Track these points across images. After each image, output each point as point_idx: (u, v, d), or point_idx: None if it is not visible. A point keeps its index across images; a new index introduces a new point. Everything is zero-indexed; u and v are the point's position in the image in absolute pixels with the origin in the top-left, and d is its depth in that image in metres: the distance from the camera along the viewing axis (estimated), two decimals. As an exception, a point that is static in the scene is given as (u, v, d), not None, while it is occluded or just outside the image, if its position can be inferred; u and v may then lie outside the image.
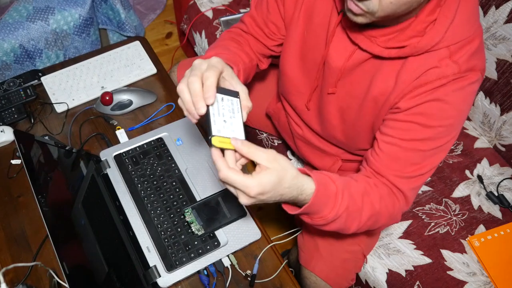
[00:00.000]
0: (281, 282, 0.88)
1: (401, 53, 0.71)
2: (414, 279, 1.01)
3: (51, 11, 1.38)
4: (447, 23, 0.67)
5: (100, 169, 0.97)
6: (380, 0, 0.62)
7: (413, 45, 0.69)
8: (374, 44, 0.73)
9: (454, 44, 0.69)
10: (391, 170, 0.76)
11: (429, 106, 0.71)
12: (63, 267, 0.71)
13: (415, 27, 0.69)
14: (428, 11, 0.68)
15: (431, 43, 0.68)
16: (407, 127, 0.74)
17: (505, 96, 1.14)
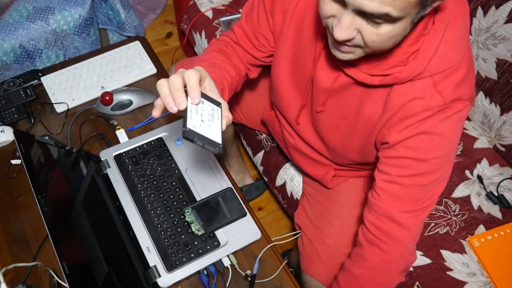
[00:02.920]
0: (281, 282, 0.88)
1: (384, 81, 0.70)
2: (413, 279, 1.01)
3: (51, 11, 1.38)
4: (430, 53, 0.66)
5: (100, 169, 0.97)
6: (363, 37, 0.60)
7: (395, 75, 0.68)
8: (359, 70, 0.72)
9: (438, 73, 0.67)
10: (394, 207, 0.75)
11: (418, 139, 0.70)
12: (63, 267, 0.71)
13: (396, 57, 0.68)
14: (411, 41, 0.66)
15: (413, 73, 0.67)
16: (402, 163, 0.73)
17: (505, 96, 1.14)
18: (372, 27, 0.58)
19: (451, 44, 0.66)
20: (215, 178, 0.97)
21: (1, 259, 0.88)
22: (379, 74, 0.70)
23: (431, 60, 0.66)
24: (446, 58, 0.66)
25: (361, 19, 0.58)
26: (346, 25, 0.59)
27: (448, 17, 0.65)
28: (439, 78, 0.67)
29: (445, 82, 0.68)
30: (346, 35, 0.59)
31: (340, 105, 0.81)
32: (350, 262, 0.82)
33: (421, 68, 0.66)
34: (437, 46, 0.65)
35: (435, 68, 0.67)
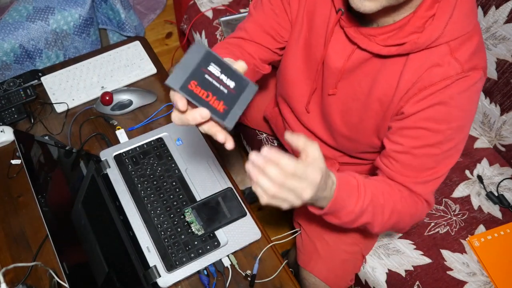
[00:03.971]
0: (281, 282, 0.88)
1: (401, 50, 0.70)
2: (413, 279, 1.01)
3: (51, 11, 1.38)
4: (446, 18, 0.66)
5: (100, 169, 0.97)
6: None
7: (413, 41, 0.68)
8: (373, 42, 0.72)
9: (454, 39, 0.68)
10: (407, 177, 0.76)
11: (435, 110, 0.70)
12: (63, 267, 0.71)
13: (414, 23, 0.68)
14: (427, 6, 0.67)
15: (431, 38, 0.67)
16: (416, 134, 0.73)
17: (505, 96, 1.14)
18: None
19: (463, 11, 0.67)
20: (215, 178, 0.97)
21: (1, 259, 0.88)
22: (395, 44, 0.70)
23: (447, 25, 0.66)
24: (460, 24, 0.67)
25: None
26: None
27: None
28: (455, 44, 0.68)
29: (461, 50, 0.68)
30: None
31: (352, 85, 0.80)
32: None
33: (438, 33, 0.67)
34: (451, 11, 0.66)
35: (450, 34, 0.67)
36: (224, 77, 0.54)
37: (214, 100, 0.53)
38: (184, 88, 0.52)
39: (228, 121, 0.53)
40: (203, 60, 0.53)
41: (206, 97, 0.53)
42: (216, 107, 0.53)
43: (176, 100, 0.53)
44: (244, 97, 0.54)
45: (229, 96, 0.54)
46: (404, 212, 0.76)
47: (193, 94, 0.52)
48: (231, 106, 0.54)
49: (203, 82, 0.53)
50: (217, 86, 0.54)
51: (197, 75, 0.53)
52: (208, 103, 0.53)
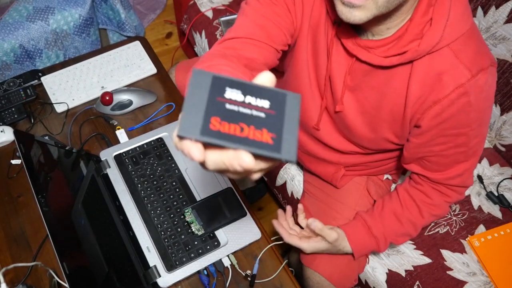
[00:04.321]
0: (281, 282, 0.88)
1: (403, 59, 0.69)
2: (413, 279, 1.01)
3: (51, 11, 1.38)
4: (444, 21, 0.66)
5: (100, 169, 0.97)
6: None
7: (414, 49, 0.67)
8: (373, 54, 0.71)
9: (454, 41, 0.67)
10: (441, 173, 0.81)
11: (455, 120, 0.71)
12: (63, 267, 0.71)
13: (412, 30, 0.68)
14: (422, 12, 0.67)
15: (432, 43, 0.67)
16: (440, 141, 0.75)
17: (505, 96, 1.14)
18: None
19: (459, 11, 0.66)
20: (215, 178, 0.97)
21: (1, 259, 0.88)
22: (396, 54, 0.69)
23: (445, 28, 0.66)
24: (458, 25, 0.67)
25: None
26: None
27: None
28: (457, 46, 0.67)
29: (465, 51, 0.67)
30: None
31: (358, 100, 0.80)
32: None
33: (438, 37, 0.66)
34: (447, 13, 0.65)
35: (450, 36, 0.66)
36: (251, 98, 0.39)
37: (254, 131, 0.37)
38: (206, 131, 0.36)
39: (286, 151, 0.37)
40: (213, 88, 0.38)
41: (241, 132, 0.37)
42: (261, 139, 0.37)
43: (187, 150, 0.36)
44: (291, 113, 0.39)
45: (270, 119, 0.38)
46: (426, 218, 0.88)
47: (221, 134, 0.36)
48: (279, 131, 0.38)
49: (228, 114, 0.37)
50: (248, 112, 0.38)
51: (216, 108, 0.37)
52: (248, 139, 0.37)
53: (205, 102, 0.38)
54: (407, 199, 0.88)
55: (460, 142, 0.74)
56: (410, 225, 0.88)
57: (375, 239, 0.89)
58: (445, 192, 0.85)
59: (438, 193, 0.86)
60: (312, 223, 0.86)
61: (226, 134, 0.37)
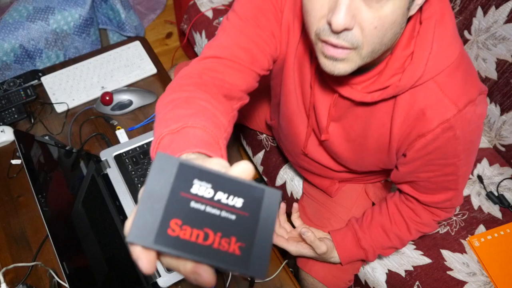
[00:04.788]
0: (281, 282, 0.88)
1: (384, 94, 0.65)
2: (413, 279, 1.01)
3: (51, 11, 1.38)
4: (426, 54, 0.61)
5: (100, 169, 0.97)
6: (362, 28, 0.54)
7: (395, 85, 0.64)
8: (355, 90, 0.68)
9: (439, 73, 0.63)
10: (431, 196, 0.80)
11: (441, 152, 0.68)
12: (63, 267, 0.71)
13: (392, 64, 0.64)
14: (403, 46, 0.63)
15: (414, 78, 0.62)
16: (428, 169, 0.73)
17: (505, 96, 1.14)
18: (372, 11, 0.52)
19: (445, 42, 0.62)
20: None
21: (1, 259, 0.88)
22: (378, 89, 0.66)
23: (428, 61, 0.62)
24: (443, 56, 0.63)
25: (359, 0, 0.52)
26: (346, 6, 0.51)
27: (434, 15, 0.62)
28: (442, 79, 0.63)
29: (450, 84, 0.63)
30: (347, 20, 0.52)
31: (344, 129, 0.78)
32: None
33: (420, 71, 0.62)
34: (430, 45, 0.61)
35: (434, 68, 0.63)
36: (222, 195, 0.32)
37: (219, 239, 0.31)
38: (162, 237, 0.30)
39: (255, 267, 0.31)
40: (178, 179, 0.32)
41: (204, 240, 0.31)
42: (227, 249, 0.31)
43: (135, 258, 0.31)
44: (267, 216, 0.32)
45: (241, 223, 0.32)
46: (412, 233, 0.87)
47: (180, 242, 0.30)
48: (250, 239, 0.32)
49: (192, 216, 0.31)
50: (217, 213, 0.32)
51: (178, 207, 0.31)
52: (211, 248, 0.31)
53: (166, 197, 0.31)
54: (396, 214, 0.87)
55: (448, 171, 0.72)
56: (397, 239, 0.87)
57: (364, 251, 0.89)
58: (435, 212, 0.84)
59: (427, 212, 0.84)
60: (305, 233, 0.86)
61: (186, 241, 0.30)
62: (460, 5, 1.17)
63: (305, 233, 0.86)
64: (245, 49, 0.69)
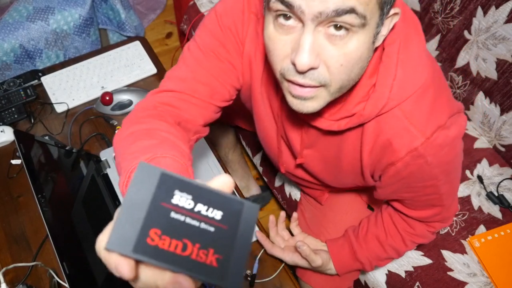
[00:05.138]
0: (281, 282, 0.88)
1: (351, 123, 0.64)
2: (413, 280, 1.01)
3: (51, 11, 1.38)
4: (389, 81, 0.59)
5: (100, 169, 0.97)
6: (328, 66, 0.52)
7: (360, 113, 0.62)
8: (322, 118, 0.66)
9: (404, 100, 0.61)
10: (418, 211, 0.79)
11: (415, 178, 0.66)
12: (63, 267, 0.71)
13: (358, 93, 0.63)
14: (369, 74, 0.61)
15: (378, 106, 0.61)
16: (408, 190, 0.71)
17: (505, 96, 1.14)
18: (337, 49, 0.51)
19: (409, 67, 0.60)
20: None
21: (1, 259, 0.88)
22: (344, 117, 0.64)
23: (392, 88, 0.59)
24: (408, 82, 0.60)
25: (323, 38, 0.50)
26: (309, 45, 0.49)
27: (397, 39, 0.59)
28: (408, 106, 0.61)
29: (417, 111, 0.61)
30: (312, 60, 0.50)
31: (319, 152, 0.76)
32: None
33: (384, 99, 0.60)
34: (394, 71, 0.59)
35: (399, 96, 0.60)
36: (202, 207, 0.33)
37: (197, 250, 0.31)
38: (142, 246, 0.30)
39: (230, 279, 0.32)
40: (160, 190, 0.32)
41: (182, 251, 0.31)
42: (205, 261, 0.31)
43: (115, 265, 0.31)
44: (245, 229, 0.33)
45: (219, 235, 0.32)
46: (408, 244, 0.86)
47: (159, 252, 0.31)
48: (228, 252, 0.32)
49: (171, 227, 0.31)
50: (196, 225, 0.32)
51: (158, 217, 0.31)
52: (189, 259, 0.31)
53: (147, 207, 0.31)
54: (391, 226, 0.86)
55: (429, 192, 0.70)
56: (393, 251, 0.87)
57: (360, 263, 0.88)
58: (428, 223, 0.83)
59: (421, 224, 0.83)
60: (300, 247, 0.85)
61: (165, 252, 0.31)
62: (460, 5, 1.17)
63: (301, 246, 0.85)
64: (203, 82, 0.69)
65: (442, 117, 0.62)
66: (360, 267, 0.90)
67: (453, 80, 1.26)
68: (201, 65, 0.69)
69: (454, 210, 0.81)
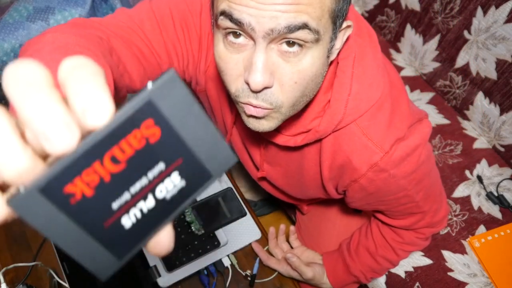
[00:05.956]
0: (281, 282, 0.88)
1: (307, 138, 0.63)
2: (413, 280, 1.01)
3: (51, 11, 1.38)
4: (344, 96, 0.58)
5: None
6: (282, 84, 0.50)
7: (315, 129, 0.61)
8: (280, 134, 0.65)
9: (361, 115, 0.60)
10: (401, 220, 0.79)
11: (383, 191, 0.65)
12: (63, 267, 0.71)
13: (313, 108, 0.61)
14: (324, 89, 0.60)
15: (333, 122, 0.59)
16: (381, 203, 0.70)
17: (504, 96, 1.14)
18: (291, 66, 0.49)
19: (365, 82, 0.59)
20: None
21: (1, 259, 0.88)
22: (300, 132, 0.63)
23: (347, 103, 0.58)
24: (363, 97, 0.59)
25: (276, 55, 0.48)
26: (262, 64, 0.47)
27: (352, 53, 0.58)
28: (364, 122, 0.60)
29: (373, 126, 0.60)
30: (266, 78, 0.48)
31: (280, 166, 0.75)
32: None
33: (339, 115, 0.59)
34: (349, 86, 0.58)
35: (355, 111, 0.59)
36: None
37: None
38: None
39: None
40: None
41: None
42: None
43: None
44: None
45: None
46: (399, 254, 0.86)
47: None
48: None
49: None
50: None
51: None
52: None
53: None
54: (379, 237, 0.85)
55: (403, 202, 0.69)
56: (385, 262, 0.86)
57: (354, 276, 0.88)
58: (416, 230, 0.82)
59: (408, 232, 0.82)
60: (290, 259, 0.86)
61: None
62: (460, 5, 1.17)
63: (290, 258, 0.86)
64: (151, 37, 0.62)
65: (401, 129, 0.61)
66: (355, 280, 0.90)
67: (452, 80, 1.26)
68: (160, 21, 0.62)
69: (442, 215, 0.80)
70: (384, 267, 0.88)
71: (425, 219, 0.77)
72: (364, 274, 0.88)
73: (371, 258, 0.86)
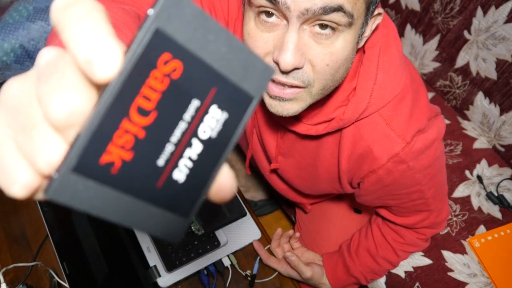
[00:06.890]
0: (281, 282, 0.88)
1: (329, 127, 0.62)
2: (413, 280, 1.01)
3: (51, 11, 1.39)
4: (370, 85, 0.58)
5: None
6: (313, 65, 0.49)
7: (339, 117, 0.60)
8: (300, 122, 0.65)
9: (384, 106, 0.60)
10: (406, 218, 0.79)
11: (398, 183, 0.65)
12: (63, 267, 0.71)
13: (337, 97, 0.61)
14: (349, 77, 0.60)
15: (358, 111, 0.59)
16: (392, 198, 0.71)
17: (504, 96, 1.14)
18: (323, 48, 0.48)
19: (390, 72, 0.59)
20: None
21: (1, 259, 0.88)
22: (322, 121, 0.63)
23: (372, 92, 0.58)
24: (388, 87, 0.59)
25: (308, 36, 0.48)
26: (294, 44, 0.47)
27: (378, 43, 0.58)
28: (387, 112, 0.60)
29: (396, 118, 0.60)
30: (297, 59, 0.47)
31: (294, 158, 0.75)
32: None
33: (364, 103, 0.58)
34: (375, 75, 0.58)
35: (379, 101, 0.59)
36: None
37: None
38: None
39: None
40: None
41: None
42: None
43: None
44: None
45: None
46: (400, 255, 0.87)
47: None
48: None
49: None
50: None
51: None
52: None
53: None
54: (380, 238, 0.86)
55: (414, 197, 0.69)
56: (385, 263, 0.87)
57: (354, 278, 0.88)
58: (418, 230, 0.82)
59: (410, 232, 0.82)
60: (289, 257, 0.86)
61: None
62: (460, 5, 1.17)
63: (289, 257, 0.86)
64: None
65: (422, 121, 0.62)
66: (355, 281, 0.90)
67: (452, 80, 1.26)
68: None
69: (444, 216, 0.80)
70: (384, 268, 0.88)
71: (429, 218, 0.77)
72: (364, 275, 0.88)
73: (372, 259, 0.87)
